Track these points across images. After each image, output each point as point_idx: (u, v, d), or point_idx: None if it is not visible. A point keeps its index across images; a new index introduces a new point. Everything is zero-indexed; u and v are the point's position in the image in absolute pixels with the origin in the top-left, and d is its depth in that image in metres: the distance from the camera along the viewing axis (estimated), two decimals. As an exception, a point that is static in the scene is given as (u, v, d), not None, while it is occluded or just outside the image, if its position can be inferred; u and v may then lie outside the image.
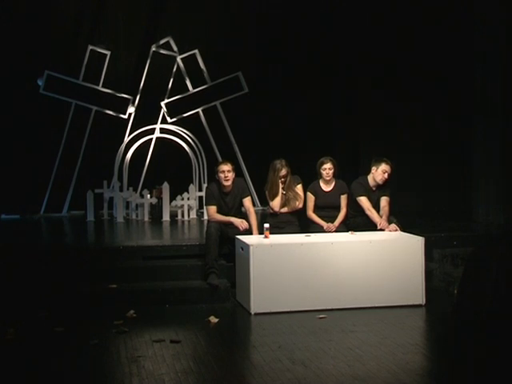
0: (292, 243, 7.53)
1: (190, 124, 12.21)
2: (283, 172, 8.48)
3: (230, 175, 8.25)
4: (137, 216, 11.36)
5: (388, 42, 11.49)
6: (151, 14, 12.80)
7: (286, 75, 12.56)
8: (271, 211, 8.62)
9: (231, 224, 8.16)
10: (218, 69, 12.41)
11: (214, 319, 6.97)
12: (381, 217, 8.34)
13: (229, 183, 8.26)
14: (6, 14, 11.93)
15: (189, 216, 11.27)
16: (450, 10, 11.10)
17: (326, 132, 12.48)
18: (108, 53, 12.12)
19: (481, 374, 5.53)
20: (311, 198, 8.60)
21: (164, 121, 12.27)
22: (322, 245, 7.51)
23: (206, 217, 9.87)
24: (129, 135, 11.96)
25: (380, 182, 8.50)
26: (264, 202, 9.36)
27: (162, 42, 12.28)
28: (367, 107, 11.94)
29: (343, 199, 8.62)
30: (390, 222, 8.26)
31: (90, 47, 12.05)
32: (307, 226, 8.56)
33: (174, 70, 12.36)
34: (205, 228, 8.39)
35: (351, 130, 12.42)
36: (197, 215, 11.38)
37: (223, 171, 8.22)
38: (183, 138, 11.91)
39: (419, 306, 7.54)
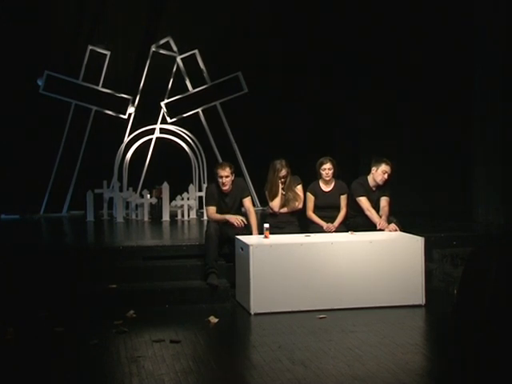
0: (292, 243, 7.53)
1: (190, 124, 12.21)
2: (283, 172, 8.47)
3: (228, 180, 8.21)
4: (137, 216, 11.36)
5: (388, 43, 11.50)
6: (151, 14, 12.80)
7: (286, 75, 12.56)
8: (271, 211, 8.61)
9: (228, 222, 8.15)
10: (217, 69, 12.41)
11: (213, 319, 6.97)
12: (380, 217, 8.34)
13: (226, 188, 8.24)
14: (5, 14, 11.93)
15: (189, 216, 11.27)
16: (451, 10, 11.11)
17: (326, 132, 12.47)
18: (108, 53, 12.12)
19: (481, 374, 5.53)
20: (311, 198, 8.60)
21: (164, 121, 12.27)
22: (321, 245, 7.51)
23: (205, 217, 9.87)
24: (129, 135, 11.96)
25: (380, 183, 8.50)
26: (264, 202, 9.37)
27: (161, 42, 12.29)
28: (367, 107, 11.95)
29: (343, 199, 8.62)
30: (389, 222, 8.26)
31: (90, 47, 12.05)
32: (307, 226, 8.56)
33: (174, 70, 12.37)
34: (204, 228, 8.38)
35: (351, 130, 12.43)
36: (197, 215, 11.38)
37: (221, 176, 8.19)
38: (183, 138, 11.91)
39: (419, 306, 7.54)
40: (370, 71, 11.72)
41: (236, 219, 8.11)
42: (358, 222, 8.43)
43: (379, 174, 8.47)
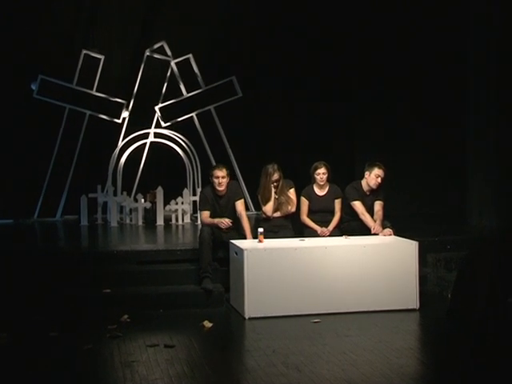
0: (286, 247, 7.53)
1: (184, 128, 12.20)
2: (275, 176, 8.48)
3: (224, 181, 8.24)
4: (131, 220, 11.35)
5: (385, 43, 11.54)
6: (145, 19, 12.80)
7: (281, 80, 12.56)
8: (264, 216, 8.61)
9: (217, 227, 8.12)
10: (212, 73, 12.41)
11: (208, 324, 6.96)
12: (375, 221, 8.34)
13: (222, 188, 8.25)
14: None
15: (183, 220, 11.26)
16: (447, 12, 11.15)
17: (321, 136, 12.49)
18: (102, 57, 12.11)
19: (474, 378, 5.54)
20: (305, 202, 8.60)
21: (158, 125, 12.26)
22: (316, 249, 7.51)
23: (199, 221, 9.86)
24: (123, 140, 11.95)
25: (373, 187, 8.50)
26: (258, 206, 9.37)
27: (156, 46, 12.28)
28: (363, 109, 12.00)
29: (337, 203, 8.62)
30: (384, 227, 8.26)
31: (84, 51, 12.03)
32: (301, 231, 8.56)
33: (168, 74, 12.36)
34: (199, 232, 8.38)
35: (346, 133, 12.46)
36: (191, 220, 11.37)
37: (217, 177, 8.22)
38: (177, 142, 11.91)
39: (413, 310, 7.55)
40: (367, 72, 11.76)
41: (222, 221, 8.09)
42: (352, 227, 8.43)
43: (372, 178, 8.48)
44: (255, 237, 7.94)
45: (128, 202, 11.38)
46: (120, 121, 12.20)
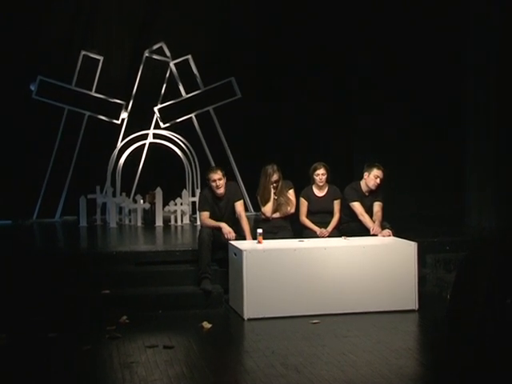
0: (285, 248, 7.53)
1: (183, 129, 12.19)
2: (275, 177, 8.46)
3: (222, 182, 8.21)
4: (130, 221, 11.34)
5: (385, 43, 11.54)
6: (144, 20, 12.79)
7: (281, 80, 12.56)
8: (263, 217, 8.60)
9: (220, 230, 8.12)
10: (210, 74, 12.40)
11: (207, 325, 6.96)
12: (374, 222, 8.34)
13: (221, 190, 8.23)
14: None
15: (182, 221, 11.25)
16: (447, 12, 11.15)
17: (322, 135, 12.48)
18: (101, 58, 12.11)
19: (473, 379, 5.54)
20: (304, 203, 8.60)
21: (157, 126, 12.26)
22: (315, 250, 7.50)
23: (198, 222, 9.85)
24: (122, 140, 11.94)
25: (372, 188, 8.50)
26: (257, 207, 9.37)
27: (155, 47, 12.27)
28: (361, 110, 11.99)
29: (336, 204, 8.61)
30: (383, 227, 8.26)
31: (83, 52, 12.02)
32: (300, 232, 8.55)
33: (167, 75, 12.36)
34: (198, 233, 8.37)
35: (346, 133, 12.45)
36: (190, 220, 11.36)
37: (214, 180, 8.19)
38: (176, 143, 11.90)
39: (412, 311, 7.54)
40: (365, 72, 11.76)
41: (229, 233, 8.04)
42: (351, 227, 8.43)
43: (371, 178, 8.48)
44: (254, 238, 7.93)
45: (127, 203, 11.37)
46: (119, 122, 12.19)
